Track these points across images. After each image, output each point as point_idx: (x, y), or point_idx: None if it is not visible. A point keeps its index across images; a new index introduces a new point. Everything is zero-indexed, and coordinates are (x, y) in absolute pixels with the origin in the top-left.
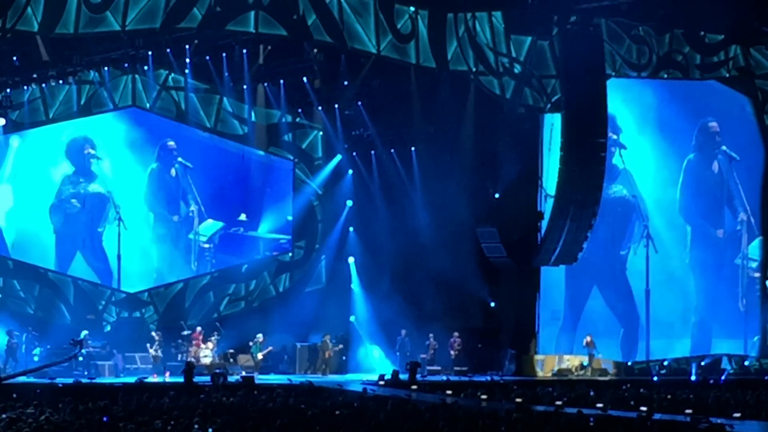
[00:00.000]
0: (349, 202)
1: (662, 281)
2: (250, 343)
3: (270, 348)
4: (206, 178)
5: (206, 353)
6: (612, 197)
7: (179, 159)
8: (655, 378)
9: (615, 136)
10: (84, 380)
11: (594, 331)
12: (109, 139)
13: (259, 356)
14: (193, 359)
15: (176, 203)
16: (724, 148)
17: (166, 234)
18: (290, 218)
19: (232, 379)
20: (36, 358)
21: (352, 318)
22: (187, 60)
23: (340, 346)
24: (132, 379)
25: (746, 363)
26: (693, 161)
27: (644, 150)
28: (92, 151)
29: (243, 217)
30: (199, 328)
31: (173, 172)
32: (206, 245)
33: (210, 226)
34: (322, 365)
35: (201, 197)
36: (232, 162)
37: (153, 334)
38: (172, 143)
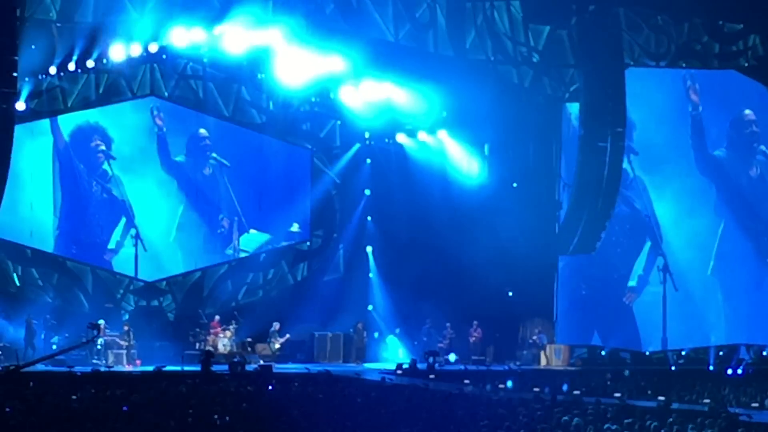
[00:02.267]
0: (367, 191)
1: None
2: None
3: (287, 336)
4: (237, 174)
5: (224, 342)
6: (622, 209)
7: (214, 155)
8: (673, 367)
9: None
10: (102, 368)
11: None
12: (127, 129)
13: (276, 345)
14: (211, 348)
15: (212, 209)
16: (763, 148)
17: (199, 247)
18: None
19: (249, 367)
20: (54, 347)
21: (369, 307)
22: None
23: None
24: (150, 368)
25: (765, 353)
26: (725, 159)
27: (662, 141)
28: (102, 146)
29: (296, 227)
30: (217, 317)
31: (207, 170)
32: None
33: (253, 239)
34: (357, 354)
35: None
36: (250, 151)
37: (125, 325)
38: (203, 132)
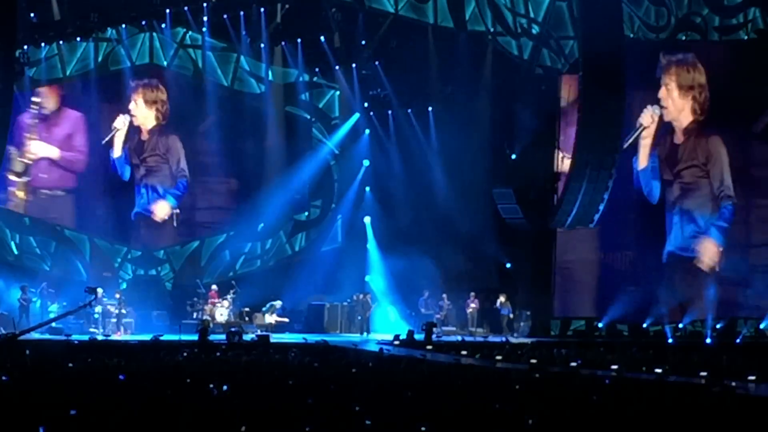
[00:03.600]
0: (366, 162)
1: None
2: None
3: (286, 319)
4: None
5: (222, 311)
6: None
7: None
8: (671, 340)
9: None
10: (99, 337)
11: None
12: None
13: (270, 320)
14: (208, 317)
15: None
16: None
17: None
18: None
19: (247, 337)
20: (52, 315)
21: (367, 278)
22: (205, 18)
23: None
24: (147, 337)
25: (761, 326)
26: None
27: None
28: None
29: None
30: (214, 287)
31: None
32: None
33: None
34: (363, 324)
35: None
36: (249, 122)
37: (116, 293)
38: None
